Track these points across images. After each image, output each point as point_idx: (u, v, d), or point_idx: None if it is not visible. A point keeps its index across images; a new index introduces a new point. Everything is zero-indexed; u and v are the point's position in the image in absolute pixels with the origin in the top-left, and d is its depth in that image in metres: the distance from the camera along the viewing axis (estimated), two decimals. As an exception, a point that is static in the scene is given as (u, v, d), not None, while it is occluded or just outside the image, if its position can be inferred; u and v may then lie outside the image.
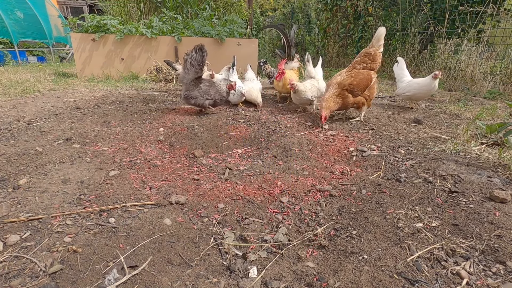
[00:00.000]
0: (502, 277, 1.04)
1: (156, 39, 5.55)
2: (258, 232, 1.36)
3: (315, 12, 10.15)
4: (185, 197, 1.59)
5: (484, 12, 4.56)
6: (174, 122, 2.78)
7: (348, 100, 2.74)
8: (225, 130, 2.64)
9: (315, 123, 2.83)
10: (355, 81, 2.70)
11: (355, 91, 2.72)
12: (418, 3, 5.57)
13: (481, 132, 2.41)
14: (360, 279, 1.05)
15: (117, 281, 1.03)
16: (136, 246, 1.21)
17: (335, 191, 1.69)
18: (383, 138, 2.43)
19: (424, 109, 3.45)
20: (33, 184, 1.63)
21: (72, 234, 1.27)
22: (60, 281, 1.03)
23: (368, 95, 2.81)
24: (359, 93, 2.75)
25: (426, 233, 1.27)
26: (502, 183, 1.62)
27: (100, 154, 2.06)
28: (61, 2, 14.69)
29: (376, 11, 6.89)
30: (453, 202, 1.47)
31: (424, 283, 1.02)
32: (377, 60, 2.79)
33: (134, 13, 6.82)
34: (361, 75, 2.73)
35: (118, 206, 1.48)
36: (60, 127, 2.56)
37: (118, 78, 5.38)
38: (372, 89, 2.83)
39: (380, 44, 2.74)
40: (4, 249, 1.17)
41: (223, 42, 5.83)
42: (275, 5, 16.19)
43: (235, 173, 1.93)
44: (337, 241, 1.28)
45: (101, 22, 5.33)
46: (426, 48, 5.59)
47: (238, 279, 1.09)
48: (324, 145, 2.33)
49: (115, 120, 2.81)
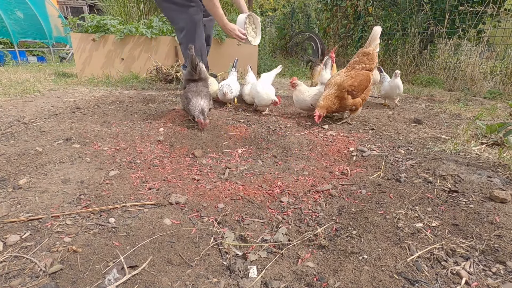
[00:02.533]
0: (502, 277, 1.04)
1: (156, 39, 5.55)
2: (258, 232, 1.36)
3: (315, 12, 10.15)
4: (185, 197, 1.59)
5: (484, 12, 4.56)
6: (174, 122, 2.78)
7: (346, 102, 2.66)
8: (225, 130, 2.64)
9: (315, 123, 2.83)
10: (355, 82, 2.63)
11: (355, 92, 2.65)
12: (418, 3, 5.57)
13: (481, 132, 2.41)
14: (360, 279, 1.05)
15: (117, 281, 1.03)
16: (136, 246, 1.21)
17: (335, 191, 1.69)
18: (383, 138, 2.43)
19: (424, 109, 3.45)
20: (33, 184, 1.63)
21: (72, 234, 1.27)
22: (60, 281, 1.03)
23: (364, 97, 2.76)
24: (358, 94, 2.69)
25: (426, 233, 1.27)
26: (502, 183, 1.62)
27: (100, 154, 2.06)
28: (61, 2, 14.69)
29: (376, 11, 6.89)
30: (453, 202, 1.47)
31: (424, 283, 1.02)
32: (375, 60, 2.75)
33: (134, 13, 6.82)
34: (361, 76, 2.67)
35: (118, 206, 1.48)
36: (60, 127, 2.56)
37: (118, 78, 5.37)
38: (368, 91, 2.79)
39: (377, 43, 2.70)
40: (4, 249, 1.17)
41: (223, 42, 5.83)
42: (275, 5, 16.19)
43: (235, 173, 1.93)
44: (337, 241, 1.28)
45: (101, 22, 5.33)
46: (426, 48, 5.59)
47: (238, 279, 1.09)
48: (324, 145, 2.33)
49: (115, 120, 2.81)
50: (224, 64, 5.69)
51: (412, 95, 4.25)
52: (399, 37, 6.02)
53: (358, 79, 2.66)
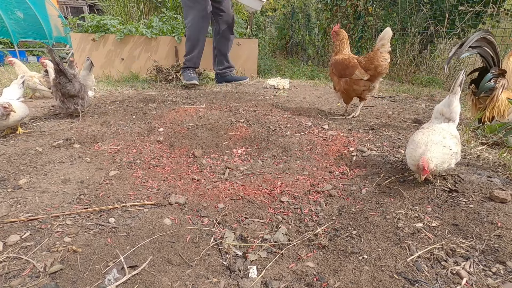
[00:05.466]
0: (502, 277, 1.04)
1: (156, 39, 5.55)
2: (258, 232, 1.36)
3: (315, 12, 10.14)
4: (185, 197, 1.59)
5: (484, 12, 4.56)
6: (174, 122, 2.78)
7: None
8: (225, 130, 2.64)
9: (315, 123, 2.83)
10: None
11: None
12: (418, 3, 5.57)
13: (481, 132, 2.41)
14: (360, 279, 1.05)
15: (117, 281, 1.03)
16: (136, 246, 1.21)
17: (335, 191, 1.69)
18: (383, 138, 2.43)
19: (424, 109, 3.45)
20: (33, 184, 1.63)
21: (72, 234, 1.27)
22: (60, 281, 1.03)
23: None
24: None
25: (426, 233, 1.27)
26: (502, 183, 1.62)
27: (100, 154, 2.06)
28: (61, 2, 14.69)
29: (376, 11, 6.89)
30: (453, 202, 1.47)
31: (424, 283, 1.02)
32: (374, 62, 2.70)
33: (134, 13, 6.82)
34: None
35: (118, 206, 1.48)
36: (60, 127, 2.57)
37: (118, 78, 5.37)
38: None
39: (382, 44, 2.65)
40: (4, 249, 1.17)
41: (223, 42, 5.82)
42: (275, 5, 16.19)
43: (235, 173, 1.93)
44: (337, 241, 1.28)
45: (101, 22, 5.33)
46: (426, 48, 5.59)
47: (238, 279, 1.09)
48: (324, 145, 2.33)
49: (115, 120, 2.81)
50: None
51: (412, 95, 4.25)
52: (399, 37, 6.02)
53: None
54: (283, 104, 3.63)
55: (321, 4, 8.63)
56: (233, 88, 4.69)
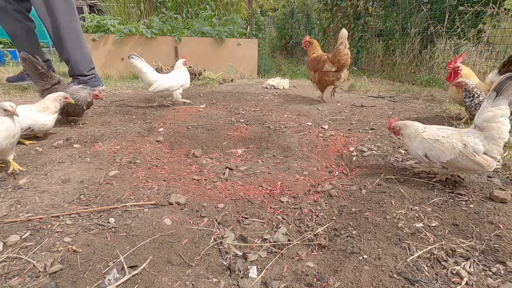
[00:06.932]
0: (502, 277, 1.04)
1: (156, 39, 5.55)
2: (258, 232, 1.36)
3: (315, 12, 10.14)
4: (185, 197, 1.59)
5: (484, 12, 4.56)
6: (174, 122, 2.78)
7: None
8: (225, 130, 2.64)
9: (315, 123, 2.83)
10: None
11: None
12: (418, 3, 5.57)
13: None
14: (360, 279, 1.05)
15: (117, 281, 1.03)
16: (136, 246, 1.21)
17: (335, 191, 1.69)
18: (383, 138, 2.43)
19: (424, 109, 3.45)
20: (33, 184, 1.63)
21: (72, 234, 1.27)
22: (60, 281, 1.03)
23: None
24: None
25: (426, 233, 1.27)
26: (502, 183, 1.62)
27: (100, 154, 2.06)
28: (61, 2, 14.64)
29: (376, 11, 6.89)
30: (453, 202, 1.47)
31: (424, 283, 1.02)
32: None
33: (134, 13, 6.82)
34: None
35: (118, 206, 1.48)
36: (60, 127, 2.57)
37: (118, 78, 5.38)
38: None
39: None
40: (4, 249, 1.17)
41: (223, 42, 5.83)
42: (275, 5, 16.20)
43: (235, 173, 1.93)
44: (337, 241, 1.28)
45: (101, 22, 5.33)
46: (426, 48, 5.59)
47: (238, 279, 1.09)
48: (324, 145, 2.33)
49: (115, 120, 2.81)
50: (225, 63, 5.70)
51: (412, 95, 4.25)
52: (399, 37, 6.02)
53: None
54: (283, 104, 3.63)
55: (321, 4, 8.62)
56: (233, 88, 4.69)
